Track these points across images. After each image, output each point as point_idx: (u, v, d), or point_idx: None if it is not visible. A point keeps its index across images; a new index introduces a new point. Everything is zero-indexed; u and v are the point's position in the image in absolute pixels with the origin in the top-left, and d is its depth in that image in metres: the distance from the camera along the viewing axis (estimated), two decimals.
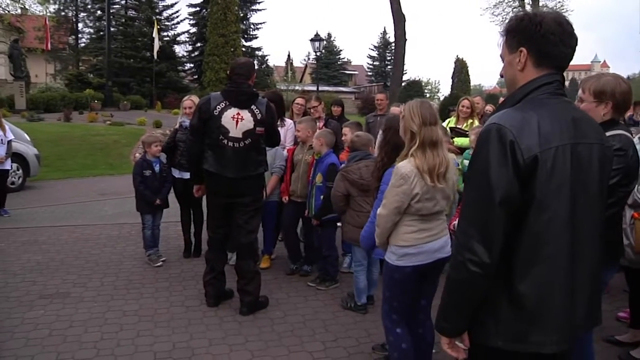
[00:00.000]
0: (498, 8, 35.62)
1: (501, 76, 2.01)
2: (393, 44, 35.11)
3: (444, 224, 3.16)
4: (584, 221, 1.75)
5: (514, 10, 35.54)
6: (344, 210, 4.47)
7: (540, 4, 34.13)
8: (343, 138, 5.34)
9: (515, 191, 1.66)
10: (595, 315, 1.89)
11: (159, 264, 5.81)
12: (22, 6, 25.72)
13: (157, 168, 5.86)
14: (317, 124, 5.92)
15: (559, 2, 33.98)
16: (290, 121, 6.34)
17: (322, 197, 4.97)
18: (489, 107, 8.17)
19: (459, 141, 6.03)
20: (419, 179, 2.91)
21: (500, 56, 1.94)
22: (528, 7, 34.70)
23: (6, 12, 25.01)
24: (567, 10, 33.60)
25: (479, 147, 1.73)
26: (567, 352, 1.85)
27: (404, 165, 2.93)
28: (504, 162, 1.65)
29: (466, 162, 5.24)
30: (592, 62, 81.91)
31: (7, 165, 8.36)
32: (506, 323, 1.74)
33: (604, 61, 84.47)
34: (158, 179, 5.87)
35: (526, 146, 1.65)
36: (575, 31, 1.82)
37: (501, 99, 7.74)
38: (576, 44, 1.82)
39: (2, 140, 8.14)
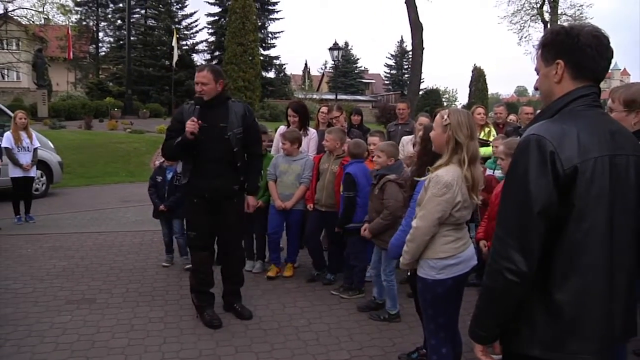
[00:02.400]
0: (516, 16, 35.49)
1: (536, 89, 2.03)
2: (410, 53, 35.10)
3: (467, 232, 3.15)
4: (621, 231, 1.76)
5: (532, 18, 35.41)
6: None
7: (559, 11, 33.94)
8: (371, 147, 5.32)
9: (554, 201, 1.68)
10: (631, 326, 1.88)
11: (164, 263, 6.08)
12: (46, 17, 26.25)
13: (168, 176, 5.93)
14: None
15: (578, 9, 33.70)
16: (314, 131, 6.38)
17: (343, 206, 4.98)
18: (512, 117, 8.11)
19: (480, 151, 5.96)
20: (461, 185, 2.85)
21: (535, 69, 1.97)
22: (546, 15, 34.53)
23: (31, 22, 25.53)
24: (586, 19, 33.33)
25: (518, 157, 1.75)
26: None
27: (447, 173, 2.84)
28: (544, 172, 1.67)
29: (489, 171, 5.22)
30: (612, 70, 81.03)
31: (33, 172, 8.50)
32: (543, 332, 1.74)
33: (624, 69, 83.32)
34: (168, 187, 5.92)
35: (566, 157, 1.67)
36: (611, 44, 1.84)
37: (524, 108, 7.65)
38: (612, 57, 1.84)
39: (28, 147, 8.29)
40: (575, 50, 1.79)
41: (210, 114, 4.31)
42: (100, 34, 39.23)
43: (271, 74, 38.89)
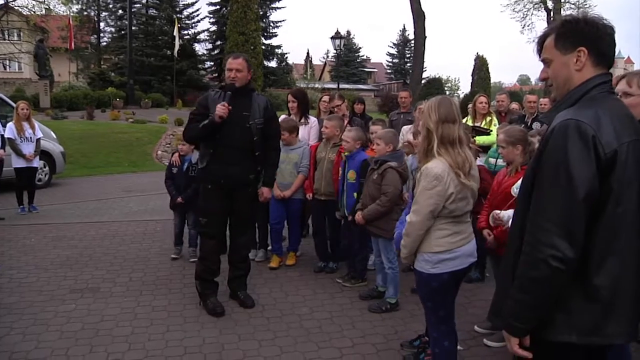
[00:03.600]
0: (519, 4, 35.34)
1: (542, 79, 2.02)
2: (412, 42, 34.91)
3: (471, 226, 3.12)
4: None
5: (535, 6, 35.20)
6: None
7: None
8: (373, 136, 5.29)
9: (597, 186, 1.69)
10: None
11: (173, 255, 6.02)
12: (47, 7, 26.16)
13: (184, 166, 5.91)
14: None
15: None
16: (314, 119, 6.36)
17: (354, 194, 4.93)
18: (514, 105, 8.06)
19: (480, 139, 5.92)
20: (452, 177, 2.82)
21: (544, 60, 1.96)
22: (549, 3, 34.29)
23: (32, 13, 25.44)
24: (589, 6, 33.14)
25: (556, 143, 1.73)
26: (608, 348, 1.87)
27: (436, 165, 2.81)
28: (587, 157, 1.67)
29: (492, 160, 5.20)
30: (616, 57, 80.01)
31: (36, 162, 8.52)
32: (579, 317, 1.75)
33: (628, 57, 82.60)
34: (184, 177, 5.89)
35: (606, 141, 1.68)
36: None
37: (527, 96, 7.61)
38: (616, 46, 1.89)
39: (31, 138, 8.31)
40: (597, 38, 1.82)
41: (235, 102, 4.36)
42: (102, 24, 39.15)
43: (273, 64, 38.79)
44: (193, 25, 37.59)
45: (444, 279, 2.93)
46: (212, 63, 38.69)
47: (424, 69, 29.80)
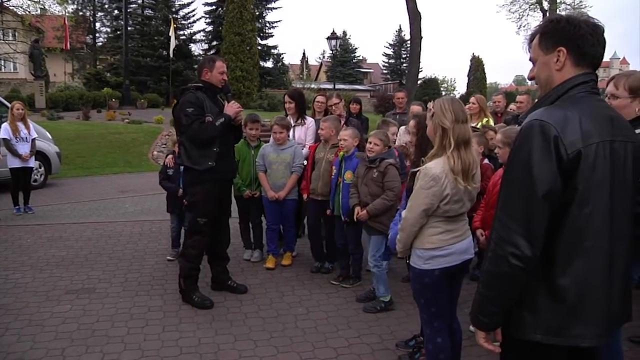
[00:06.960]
0: (514, 5, 35.40)
1: (530, 78, 2.04)
2: (408, 42, 34.97)
3: (467, 224, 3.14)
4: (620, 217, 1.79)
5: (531, 7, 35.27)
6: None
7: (558, 0, 33.76)
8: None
9: (558, 185, 1.70)
10: (627, 310, 1.92)
11: (168, 257, 6.00)
12: (42, 7, 26.06)
13: (182, 168, 5.85)
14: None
15: None
16: (311, 119, 6.36)
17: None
18: (513, 106, 8.09)
19: None
20: (450, 179, 2.83)
21: (530, 59, 1.98)
22: (545, 4, 34.38)
23: (27, 12, 25.35)
24: (585, 7, 33.23)
25: (521, 142, 1.76)
26: (597, 348, 1.88)
27: (435, 166, 2.84)
28: (548, 156, 1.69)
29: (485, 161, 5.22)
30: (611, 58, 79.71)
31: (31, 162, 8.49)
32: (545, 317, 1.77)
33: (624, 58, 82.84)
34: (180, 177, 5.81)
35: (570, 141, 1.69)
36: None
37: (518, 97, 7.65)
38: (605, 45, 1.88)
39: (26, 138, 8.28)
40: (578, 38, 1.82)
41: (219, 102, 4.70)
42: (97, 24, 38.96)
43: (269, 64, 38.69)
44: (189, 25, 37.41)
45: (435, 275, 2.97)
46: None
47: (420, 70, 29.82)
